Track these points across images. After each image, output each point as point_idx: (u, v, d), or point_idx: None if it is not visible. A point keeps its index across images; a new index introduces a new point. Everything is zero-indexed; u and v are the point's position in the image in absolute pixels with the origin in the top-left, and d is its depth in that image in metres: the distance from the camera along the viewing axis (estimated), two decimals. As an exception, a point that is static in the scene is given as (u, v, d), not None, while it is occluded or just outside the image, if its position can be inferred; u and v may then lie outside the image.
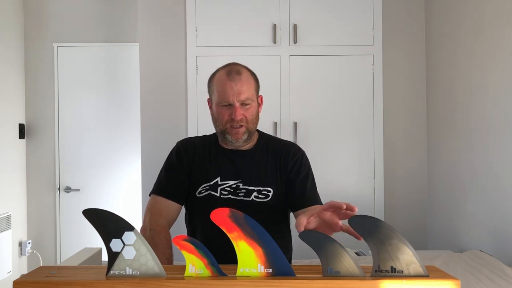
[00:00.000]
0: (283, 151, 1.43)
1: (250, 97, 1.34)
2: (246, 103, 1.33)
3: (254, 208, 1.34)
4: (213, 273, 0.79)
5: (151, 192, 1.41)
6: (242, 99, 1.32)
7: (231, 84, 1.31)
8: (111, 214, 0.79)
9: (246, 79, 1.34)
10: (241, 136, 1.35)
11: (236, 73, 1.33)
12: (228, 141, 1.37)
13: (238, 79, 1.32)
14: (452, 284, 0.76)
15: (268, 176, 1.39)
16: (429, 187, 2.70)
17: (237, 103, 1.31)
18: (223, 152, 1.42)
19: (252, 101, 1.35)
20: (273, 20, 2.60)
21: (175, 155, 1.43)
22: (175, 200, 1.38)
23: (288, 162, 1.41)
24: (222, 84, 1.33)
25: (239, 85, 1.32)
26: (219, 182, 1.37)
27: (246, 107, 1.34)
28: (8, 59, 3.11)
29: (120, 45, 3.27)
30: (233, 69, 1.35)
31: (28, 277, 0.81)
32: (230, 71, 1.34)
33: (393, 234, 0.76)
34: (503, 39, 1.91)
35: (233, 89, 1.31)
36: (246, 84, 1.33)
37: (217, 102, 1.35)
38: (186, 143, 1.47)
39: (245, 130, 1.35)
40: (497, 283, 1.52)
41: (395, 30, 2.71)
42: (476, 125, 2.13)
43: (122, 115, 3.28)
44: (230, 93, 1.31)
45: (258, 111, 1.41)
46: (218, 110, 1.35)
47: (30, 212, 3.30)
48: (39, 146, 3.29)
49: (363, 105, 2.63)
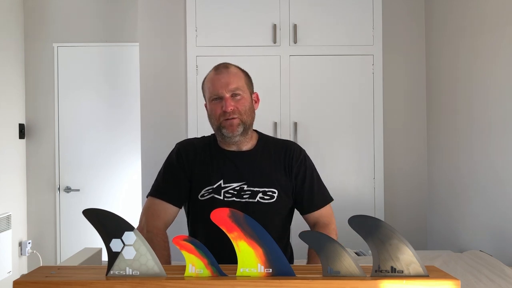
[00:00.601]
0: (285, 151, 1.43)
1: (239, 87, 1.35)
2: (236, 94, 1.34)
3: (260, 210, 1.34)
4: (213, 273, 0.79)
5: (148, 194, 1.40)
6: (231, 89, 1.33)
7: (219, 77, 1.35)
8: (111, 214, 0.79)
9: (234, 72, 1.37)
10: (236, 128, 1.33)
11: (223, 67, 1.37)
12: (225, 136, 1.36)
13: (226, 71, 1.36)
14: (452, 284, 0.76)
15: (272, 177, 1.38)
16: (429, 187, 2.70)
17: (227, 94, 1.33)
18: (223, 153, 1.41)
19: (242, 92, 1.35)
20: (273, 20, 2.60)
21: (175, 156, 1.41)
22: (173, 203, 1.36)
23: (292, 164, 1.41)
24: (211, 80, 1.37)
25: (227, 77, 1.34)
26: (222, 185, 1.36)
27: (237, 97, 1.34)
28: (8, 59, 3.11)
29: (120, 45, 3.27)
30: (220, 65, 1.39)
31: (28, 277, 0.81)
32: (217, 67, 1.39)
33: (393, 234, 0.76)
34: (503, 39, 1.91)
35: (220, 81, 1.34)
36: (233, 75, 1.36)
37: (209, 98, 1.37)
38: (186, 145, 1.45)
39: (239, 122, 1.34)
40: (497, 283, 1.52)
41: (395, 30, 2.71)
42: (476, 125, 2.13)
43: (122, 115, 3.28)
44: (218, 85, 1.34)
45: (253, 107, 1.41)
46: (211, 106, 1.37)
47: (30, 212, 3.30)
48: (39, 146, 3.29)
49: (363, 105, 2.63)
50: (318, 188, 1.43)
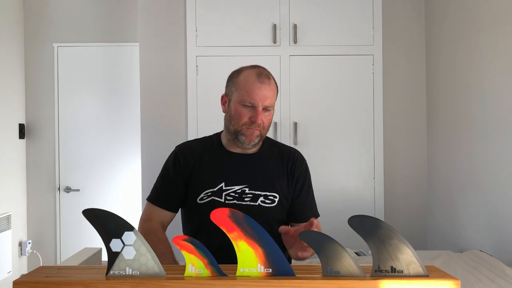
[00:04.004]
0: (289, 157, 1.43)
1: (272, 104, 1.34)
2: (268, 109, 1.33)
3: (260, 213, 1.34)
4: (213, 273, 0.79)
5: (148, 198, 1.43)
6: (267, 104, 1.31)
7: (260, 87, 1.30)
8: (111, 214, 0.79)
9: (273, 87, 1.34)
10: (255, 139, 1.33)
11: (266, 77, 1.32)
12: (240, 142, 1.34)
13: (268, 83, 1.31)
14: (452, 284, 0.76)
15: (274, 182, 1.38)
16: (429, 187, 2.70)
17: (261, 107, 1.30)
18: (228, 155, 1.40)
19: (272, 109, 1.35)
20: (273, 20, 2.60)
21: (172, 162, 1.41)
22: (169, 209, 1.40)
23: (295, 171, 1.42)
24: (251, 84, 1.30)
25: (267, 90, 1.31)
26: (224, 187, 1.35)
27: (266, 113, 1.33)
28: (8, 59, 3.11)
29: (120, 45, 3.27)
30: (263, 72, 1.33)
31: (28, 277, 0.81)
32: (260, 74, 1.32)
33: (393, 234, 0.76)
34: (503, 39, 1.91)
35: (261, 92, 1.29)
36: (272, 90, 1.33)
37: (239, 101, 1.31)
38: (185, 148, 1.44)
39: (259, 134, 1.33)
40: (497, 283, 1.52)
41: (395, 30, 2.71)
42: (476, 125, 2.13)
43: (122, 115, 3.28)
44: (258, 96, 1.29)
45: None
46: (238, 109, 1.32)
47: (30, 212, 3.30)
48: (39, 146, 3.29)
49: (363, 105, 2.63)
50: (311, 200, 1.45)
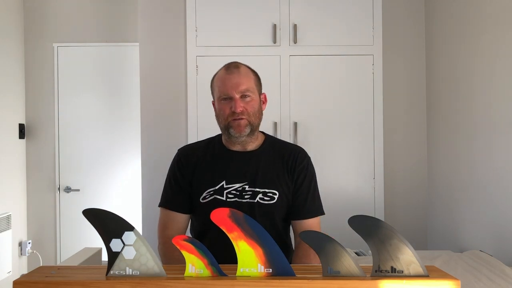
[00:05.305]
0: (290, 154, 1.42)
1: (249, 89, 1.35)
2: (246, 95, 1.34)
3: (259, 210, 1.34)
4: (213, 273, 0.79)
5: (160, 204, 1.43)
6: (242, 90, 1.33)
7: (229, 77, 1.35)
8: (111, 214, 0.79)
9: (244, 73, 1.37)
10: (243, 129, 1.34)
11: (234, 67, 1.37)
12: (232, 136, 1.36)
13: (237, 72, 1.35)
14: (452, 284, 0.76)
15: (274, 179, 1.38)
16: (429, 187, 2.70)
17: (237, 95, 1.33)
18: (228, 153, 1.41)
19: (252, 94, 1.36)
20: (273, 20, 2.60)
21: (176, 166, 1.43)
22: (181, 211, 1.40)
23: (295, 167, 1.41)
24: (221, 79, 1.37)
25: (237, 78, 1.34)
26: (225, 185, 1.36)
27: (246, 99, 1.34)
28: (8, 59, 3.11)
29: (120, 45, 3.27)
30: (231, 65, 1.39)
31: (28, 277, 0.81)
32: (228, 67, 1.38)
33: (393, 234, 0.76)
34: (504, 39, 1.91)
35: (231, 81, 1.34)
36: (244, 76, 1.36)
37: (218, 97, 1.37)
38: (186, 151, 1.47)
39: (247, 123, 1.34)
40: (497, 283, 1.52)
41: (395, 30, 2.71)
42: (476, 125, 2.13)
43: (122, 115, 3.28)
44: (228, 85, 1.34)
45: (261, 108, 1.41)
46: (220, 105, 1.37)
47: (30, 212, 3.30)
48: (39, 146, 3.29)
49: (363, 105, 2.63)
50: (312, 198, 1.41)
